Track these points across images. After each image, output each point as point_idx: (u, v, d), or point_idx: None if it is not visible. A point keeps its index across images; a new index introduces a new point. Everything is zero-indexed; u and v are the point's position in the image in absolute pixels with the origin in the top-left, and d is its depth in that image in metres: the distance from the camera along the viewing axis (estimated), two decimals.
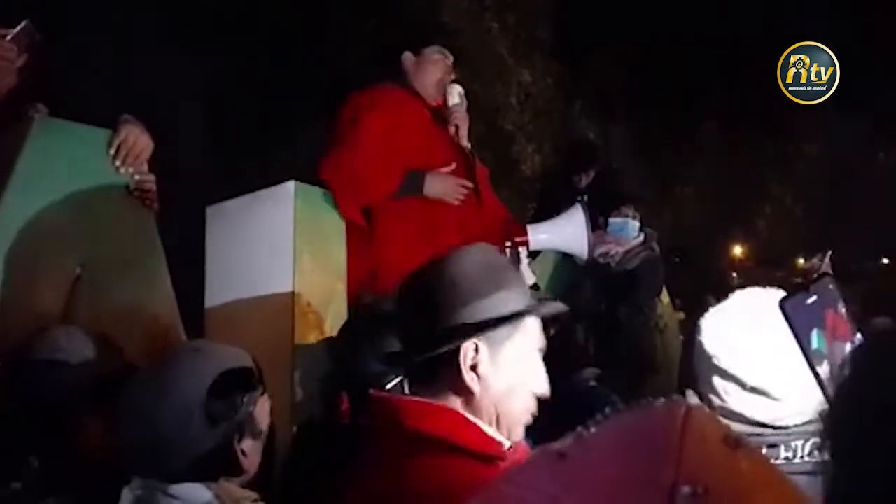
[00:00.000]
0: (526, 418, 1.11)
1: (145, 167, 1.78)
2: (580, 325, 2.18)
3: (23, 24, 1.59)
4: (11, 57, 1.57)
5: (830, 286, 1.07)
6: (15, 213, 1.68)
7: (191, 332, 2.24)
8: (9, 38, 1.57)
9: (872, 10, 10.82)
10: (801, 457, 1.11)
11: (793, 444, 1.11)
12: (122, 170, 1.76)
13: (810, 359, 1.01)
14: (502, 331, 1.06)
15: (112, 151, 1.74)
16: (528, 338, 1.10)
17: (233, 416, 1.14)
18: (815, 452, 1.07)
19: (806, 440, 1.11)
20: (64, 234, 1.75)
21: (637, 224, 3.23)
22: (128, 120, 1.75)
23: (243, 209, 2.23)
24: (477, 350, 1.05)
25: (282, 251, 2.12)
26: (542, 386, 1.12)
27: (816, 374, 1.01)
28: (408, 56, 2.53)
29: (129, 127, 1.74)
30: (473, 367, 1.05)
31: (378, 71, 2.63)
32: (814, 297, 1.04)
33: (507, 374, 1.08)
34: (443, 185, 2.40)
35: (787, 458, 1.11)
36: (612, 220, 3.22)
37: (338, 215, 2.29)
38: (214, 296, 2.21)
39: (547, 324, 1.18)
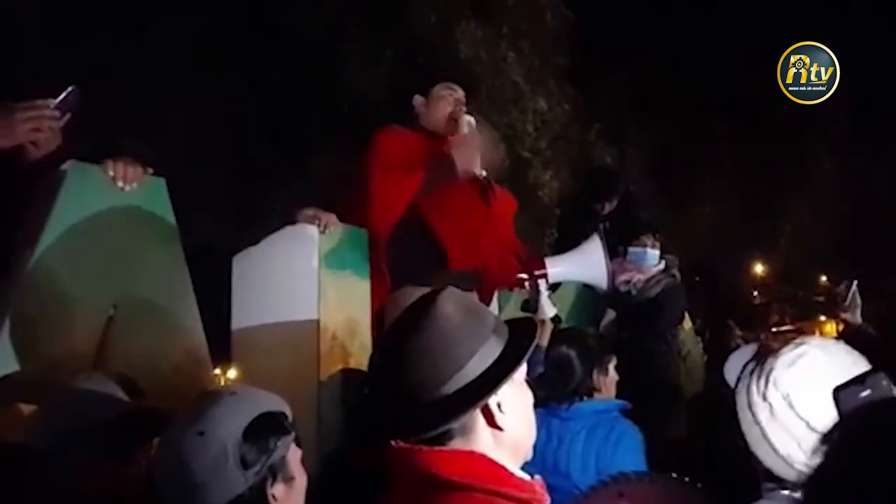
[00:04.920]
0: (535, 434, 1.16)
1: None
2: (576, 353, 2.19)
3: (68, 89, 1.68)
4: (53, 126, 1.68)
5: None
6: (52, 255, 1.74)
7: (217, 365, 2.28)
8: (53, 105, 1.66)
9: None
10: None
11: None
12: (126, 188, 1.85)
13: None
14: None
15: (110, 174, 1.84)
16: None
17: (265, 459, 1.15)
18: None
19: None
20: (98, 275, 1.81)
21: (657, 253, 3.23)
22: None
23: (269, 245, 2.27)
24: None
25: (307, 286, 2.15)
26: (532, 398, 1.16)
27: None
28: (417, 99, 2.65)
29: (114, 160, 1.84)
30: (498, 406, 1.08)
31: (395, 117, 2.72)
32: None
33: (521, 401, 1.12)
34: (466, 152, 2.48)
35: None
36: (631, 249, 3.21)
37: (361, 249, 2.33)
38: (241, 329, 2.25)
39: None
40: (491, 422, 1.08)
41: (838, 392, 1.05)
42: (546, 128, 8.96)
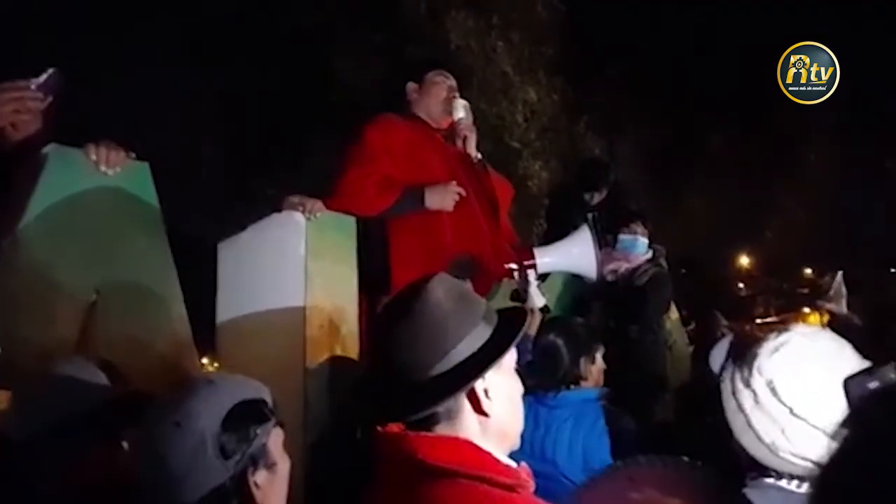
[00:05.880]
0: (522, 423, 1.16)
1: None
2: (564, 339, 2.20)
3: (49, 71, 1.64)
4: (34, 107, 1.63)
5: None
6: (33, 240, 1.71)
7: (202, 352, 2.26)
8: (34, 86, 1.62)
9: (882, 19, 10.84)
10: None
11: None
12: (109, 172, 1.84)
13: None
14: None
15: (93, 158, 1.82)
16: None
17: (245, 448, 1.14)
18: None
19: None
20: (80, 261, 1.78)
21: (646, 241, 3.24)
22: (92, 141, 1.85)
23: (255, 232, 2.25)
24: (484, 376, 1.08)
25: (294, 274, 2.13)
26: (521, 388, 1.16)
27: None
28: (411, 86, 2.66)
29: (96, 143, 1.83)
30: (485, 392, 1.08)
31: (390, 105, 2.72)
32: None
33: (508, 389, 1.12)
34: (441, 196, 2.45)
35: None
36: (621, 237, 3.22)
37: (349, 237, 2.31)
38: (227, 317, 2.22)
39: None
40: (477, 408, 1.08)
41: (847, 382, 1.05)
42: (535, 118, 8.97)
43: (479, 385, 1.07)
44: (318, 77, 8.74)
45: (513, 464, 1.09)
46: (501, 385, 1.10)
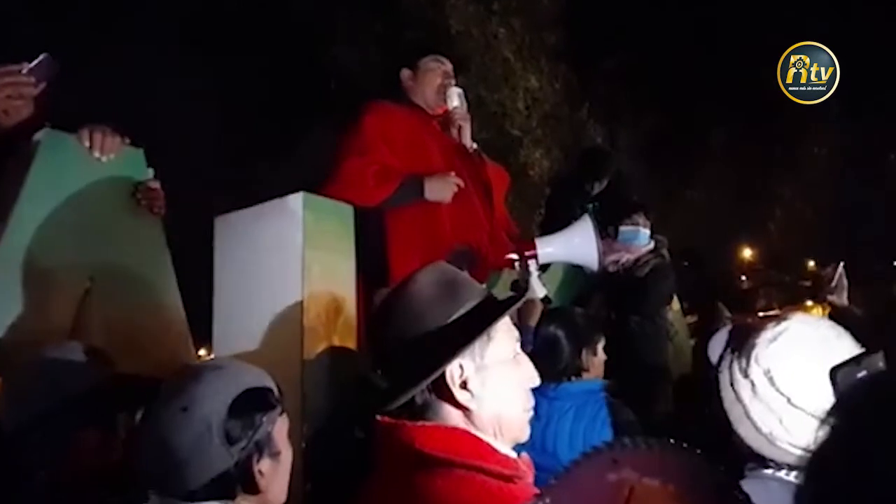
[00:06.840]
0: (528, 416, 1.13)
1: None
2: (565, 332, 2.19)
3: (42, 57, 1.62)
4: (27, 93, 1.61)
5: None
6: (26, 228, 1.69)
7: (199, 343, 2.24)
8: (26, 70, 1.60)
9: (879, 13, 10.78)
10: None
11: None
12: (103, 158, 1.80)
13: None
14: (479, 341, 1.06)
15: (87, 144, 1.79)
16: (503, 336, 1.10)
17: (251, 435, 1.14)
18: None
19: None
20: (73, 248, 1.77)
21: (648, 232, 3.22)
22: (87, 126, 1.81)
23: (252, 220, 2.22)
24: (461, 367, 1.05)
25: (291, 263, 2.11)
26: (533, 378, 1.13)
27: None
28: (405, 73, 2.62)
29: (91, 128, 1.80)
30: (464, 385, 1.06)
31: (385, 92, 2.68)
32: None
33: (498, 380, 1.08)
34: (440, 187, 2.42)
35: None
36: (623, 228, 3.20)
37: (346, 225, 2.29)
38: (223, 307, 2.21)
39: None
40: (452, 400, 1.05)
41: (835, 372, 1.04)
42: (537, 106, 8.92)
43: (453, 376, 1.05)
44: (317, 64, 8.69)
45: (513, 454, 1.07)
46: (487, 377, 1.07)
